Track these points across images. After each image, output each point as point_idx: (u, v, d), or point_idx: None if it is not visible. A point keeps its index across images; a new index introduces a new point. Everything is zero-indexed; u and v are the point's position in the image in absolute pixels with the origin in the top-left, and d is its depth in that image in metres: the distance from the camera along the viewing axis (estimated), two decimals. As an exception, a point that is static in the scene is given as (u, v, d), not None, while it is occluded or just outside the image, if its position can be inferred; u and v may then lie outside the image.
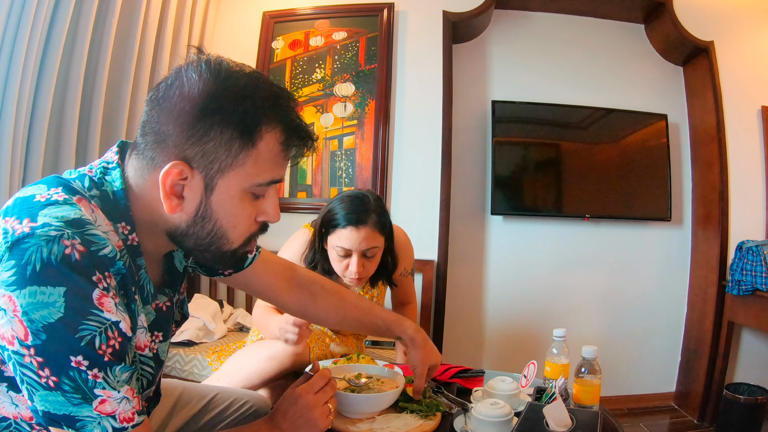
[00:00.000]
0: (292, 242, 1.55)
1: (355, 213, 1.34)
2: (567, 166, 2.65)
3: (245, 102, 0.61)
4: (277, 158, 0.65)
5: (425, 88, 2.53)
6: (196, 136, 0.60)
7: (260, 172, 0.64)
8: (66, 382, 0.53)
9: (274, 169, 0.65)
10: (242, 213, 0.66)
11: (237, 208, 0.65)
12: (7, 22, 1.53)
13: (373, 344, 2.09)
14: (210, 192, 0.63)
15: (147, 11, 2.12)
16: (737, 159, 2.54)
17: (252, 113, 0.62)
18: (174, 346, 1.96)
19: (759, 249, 2.21)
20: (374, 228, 1.35)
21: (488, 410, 0.98)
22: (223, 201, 0.63)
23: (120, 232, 0.62)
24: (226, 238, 0.66)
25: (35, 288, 0.52)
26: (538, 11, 2.72)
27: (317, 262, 1.45)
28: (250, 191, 0.65)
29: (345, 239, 1.34)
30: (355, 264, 1.36)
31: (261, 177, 0.64)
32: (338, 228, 1.35)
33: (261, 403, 1.09)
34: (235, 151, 0.61)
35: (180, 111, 0.60)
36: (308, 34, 2.62)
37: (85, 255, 0.54)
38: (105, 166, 0.65)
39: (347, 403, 1.04)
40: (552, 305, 2.67)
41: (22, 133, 1.62)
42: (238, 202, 0.64)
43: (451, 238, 2.50)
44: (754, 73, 2.61)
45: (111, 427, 0.55)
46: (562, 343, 1.25)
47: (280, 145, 0.65)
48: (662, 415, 2.57)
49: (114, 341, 0.55)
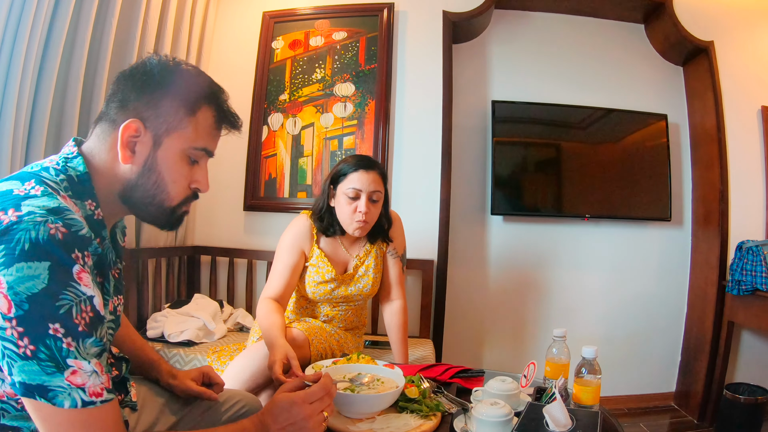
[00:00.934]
0: (293, 227, 1.63)
1: (364, 161, 1.57)
2: (567, 166, 2.65)
3: (193, 83, 0.79)
4: (211, 131, 0.81)
5: (425, 88, 2.53)
6: (153, 101, 0.76)
7: (197, 138, 0.79)
8: (42, 350, 0.59)
9: (207, 139, 0.81)
10: (180, 171, 0.79)
11: (177, 165, 0.78)
12: (7, 22, 1.53)
13: (372, 344, 2.10)
14: (157, 147, 0.76)
15: (147, 11, 2.12)
16: (737, 159, 2.54)
17: (197, 91, 0.79)
18: (174, 346, 1.96)
19: (759, 249, 2.21)
20: (379, 175, 1.57)
21: (488, 410, 0.98)
22: (167, 157, 0.77)
23: (87, 209, 0.73)
24: (166, 193, 0.79)
25: (22, 264, 0.59)
26: (538, 11, 2.72)
27: (324, 217, 1.61)
28: (187, 153, 0.79)
29: (356, 181, 1.53)
30: (363, 204, 1.52)
31: (197, 142, 0.79)
32: (350, 173, 1.55)
33: (254, 403, 1.10)
34: (180, 116, 0.77)
35: (142, 82, 0.76)
36: (308, 34, 2.62)
37: (67, 235, 0.62)
38: (66, 157, 0.76)
39: (347, 403, 1.04)
40: (552, 305, 2.67)
41: (22, 133, 1.62)
42: (178, 160, 0.78)
43: (451, 238, 2.50)
44: (754, 73, 2.61)
45: (80, 399, 0.61)
46: (562, 343, 1.25)
47: (214, 121, 0.81)
48: (662, 415, 2.57)
49: (86, 314, 0.63)
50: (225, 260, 2.57)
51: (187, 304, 2.23)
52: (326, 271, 1.61)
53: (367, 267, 1.67)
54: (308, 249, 1.62)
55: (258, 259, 2.53)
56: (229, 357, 1.78)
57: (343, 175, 1.56)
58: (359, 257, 1.68)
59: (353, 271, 1.67)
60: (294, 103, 2.58)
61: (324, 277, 1.61)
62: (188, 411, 1.01)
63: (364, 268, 1.67)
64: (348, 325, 1.73)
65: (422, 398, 1.12)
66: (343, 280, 1.64)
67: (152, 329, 2.04)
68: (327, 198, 1.61)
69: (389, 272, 1.73)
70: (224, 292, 2.56)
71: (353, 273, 1.67)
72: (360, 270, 1.67)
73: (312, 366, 1.35)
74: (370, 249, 1.69)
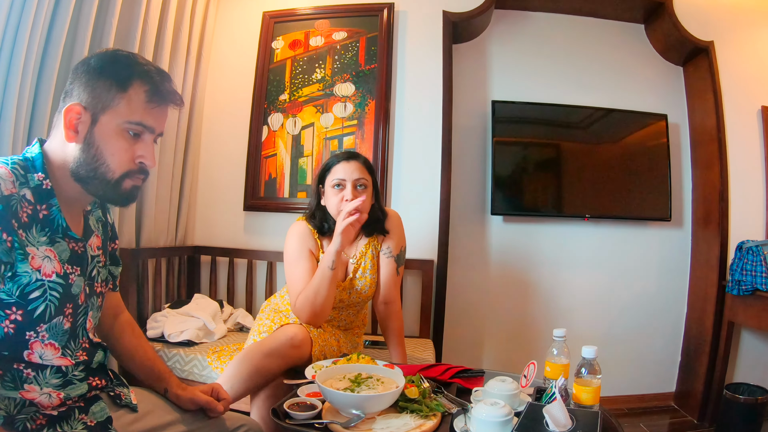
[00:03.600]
0: (294, 233, 1.65)
1: (346, 153, 1.65)
2: (567, 166, 2.65)
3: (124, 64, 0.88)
4: (144, 105, 0.87)
5: (425, 88, 2.53)
6: (90, 86, 0.85)
7: (131, 113, 0.86)
8: None
9: (142, 114, 0.87)
10: (117, 144, 0.86)
11: (113, 139, 0.86)
12: (7, 22, 1.53)
13: (372, 344, 2.10)
14: (94, 124, 0.85)
15: (147, 11, 2.12)
16: (737, 159, 2.54)
17: (128, 71, 0.87)
18: (174, 346, 1.96)
19: (759, 249, 2.21)
20: (362, 165, 1.63)
21: (488, 410, 0.98)
22: (103, 132, 0.86)
23: (36, 179, 0.84)
24: (106, 165, 0.86)
25: None
26: (538, 11, 2.72)
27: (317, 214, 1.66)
28: (124, 128, 0.86)
29: (341, 171, 1.59)
30: (349, 191, 1.57)
31: (132, 116, 0.86)
32: (333, 166, 1.61)
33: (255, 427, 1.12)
34: (113, 94, 0.85)
35: (81, 72, 0.87)
36: (308, 34, 2.62)
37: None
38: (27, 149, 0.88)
39: (347, 403, 1.04)
40: (552, 305, 2.67)
41: (22, 133, 1.62)
42: (114, 134, 0.86)
43: (451, 238, 2.49)
44: (754, 73, 2.61)
45: None
46: (562, 343, 1.25)
47: (146, 95, 0.87)
48: (662, 415, 2.57)
49: None
50: (225, 260, 2.57)
51: (187, 304, 2.23)
52: None
53: (364, 269, 1.67)
54: (315, 250, 1.63)
55: (258, 259, 2.53)
56: (228, 357, 1.78)
57: (328, 169, 1.62)
58: (356, 258, 1.67)
59: (352, 274, 1.67)
60: (294, 103, 2.58)
61: None
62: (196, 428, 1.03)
63: (362, 270, 1.67)
64: (348, 325, 1.73)
65: (422, 398, 1.12)
66: (344, 287, 1.65)
67: (152, 329, 2.04)
68: (317, 197, 1.66)
69: (382, 272, 1.69)
70: (224, 292, 2.56)
71: (352, 277, 1.66)
72: (358, 273, 1.67)
73: (312, 366, 1.35)
74: (366, 249, 1.68)
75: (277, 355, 1.38)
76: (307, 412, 1.05)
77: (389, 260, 1.69)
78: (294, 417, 1.04)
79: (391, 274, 1.68)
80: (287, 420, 1.04)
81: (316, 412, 1.06)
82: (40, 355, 0.83)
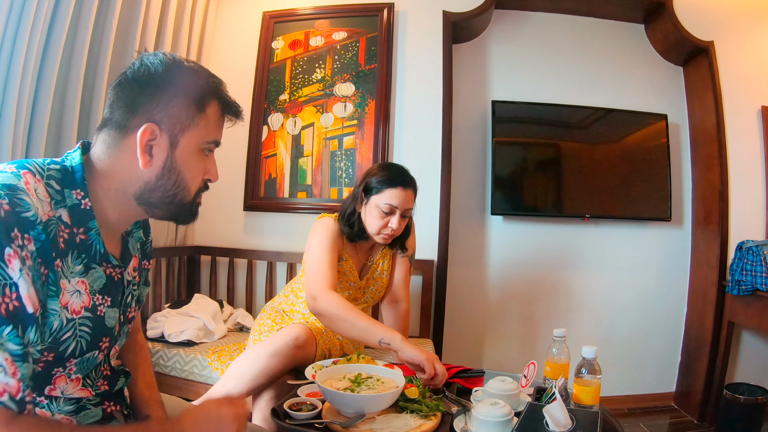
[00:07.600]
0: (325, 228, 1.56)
1: (403, 177, 1.54)
2: (567, 166, 2.65)
3: (198, 79, 0.80)
4: (218, 123, 0.83)
5: (425, 88, 2.52)
6: (162, 103, 0.76)
7: (208, 132, 0.81)
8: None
9: (216, 131, 0.83)
10: (197, 166, 0.81)
11: (194, 161, 0.81)
12: (7, 22, 1.53)
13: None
14: (174, 148, 0.78)
15: (147, 11, 2.12)
16: (737, 159, 2.54)
17: (203, 87, 0.80)
18: (174, 346, 1.96)
19: (759, 249, 2.21)
20: (414, 193, 1.56)
21: (488, 410, 0.98)
22: (185, 155, 0.79)
23: (74, 198, 0.74)
24: (187, 189, 0.81)
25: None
26: (538, 11, 2.72)
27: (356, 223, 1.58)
28: (201, 148, 0.81)
29: (395, 198, 1.51)
30: (396, 221, 1.52)
31: (209, 136, 0.81)
32: (388, 188, 1.51)
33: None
34: (192, 114, 0.78)
35: (148, 85, 0.76)
36: (308, 34, 2.62)
37: (9, 213, 0.62)
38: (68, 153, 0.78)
39: (347, 403, 1.04)
40: (552, 305, 2.67)
41: (22, 133, 1.62)
42: (195, 156, 0.80)
43: (451, 238, 2.50)
44: (754, 73, 2.61)
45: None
46: (562, 343, 1.25)
47: (220, 113, 0.83)
48: (662, 415, 2.57)
49: (9, 302, 0.60)
50: (225, 260, 2.57)
51: (187, 304, 2.23)
52: (351, 278, 1.62)
53: (381, 270, 1.68)
54: (340, 250, 1.61)
55: (258, 260, 2.53)
56: (229, 357, 1.78)
57: (380, 188, 1.53)
58: (375, 261, 1.68)
59: (369, 275, 1.67)
60: (294, 103, 2.58)
61: (347, 284, 1.62)
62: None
63: (379, 270, 1.68)
64: None
65: (422, 398, 1.12)
66: (360, 287, 1.65)
67: (152, 329, 2.04)
68: (356, 202, 1.58)
69: (396, 272, 1.71)
70: (224, 292, 2.56)
71: (369, 277, 1.67)
72: (375, 273, 1.68)
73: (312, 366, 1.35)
74: (386, 251, 1.70)
75: (282, 355, 1.38)
76: (307, 412, 1.05)
77: (404, 260, 1.72)
78: (294, 417, 1.04)
79: (405, 273, 1.72)
80: (287, 420, 1.04)
81: (316, 412, 1.06)
82: (62, 390, 0.75)
